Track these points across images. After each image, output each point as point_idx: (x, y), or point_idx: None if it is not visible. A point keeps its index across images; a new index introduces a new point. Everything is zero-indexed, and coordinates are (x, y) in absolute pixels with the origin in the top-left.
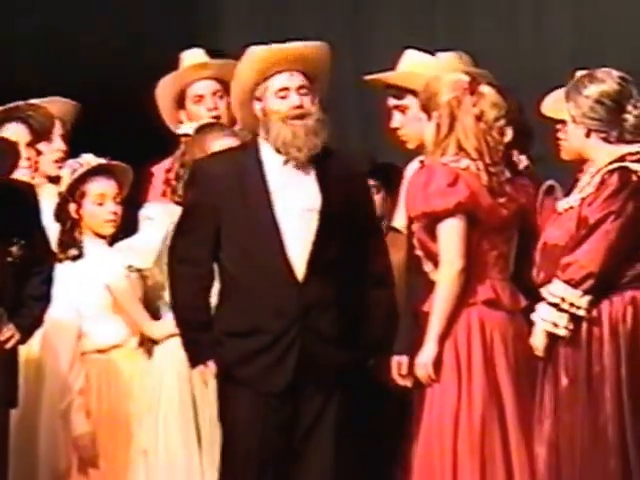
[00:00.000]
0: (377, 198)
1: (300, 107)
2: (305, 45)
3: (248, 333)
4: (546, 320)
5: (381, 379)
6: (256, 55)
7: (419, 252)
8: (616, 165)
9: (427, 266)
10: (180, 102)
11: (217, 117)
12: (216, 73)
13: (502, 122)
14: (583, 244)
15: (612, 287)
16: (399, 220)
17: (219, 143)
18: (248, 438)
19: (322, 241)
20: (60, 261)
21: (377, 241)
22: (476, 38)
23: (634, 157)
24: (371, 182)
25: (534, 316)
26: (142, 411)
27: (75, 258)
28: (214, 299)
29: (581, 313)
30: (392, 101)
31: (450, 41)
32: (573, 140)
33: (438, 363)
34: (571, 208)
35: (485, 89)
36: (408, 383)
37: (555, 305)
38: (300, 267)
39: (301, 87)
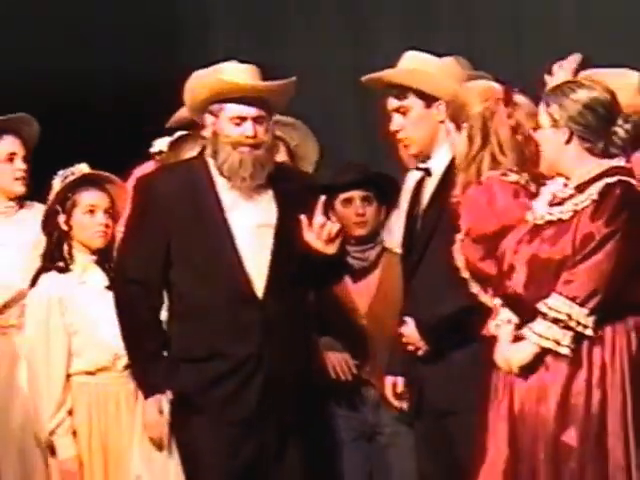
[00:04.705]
0: (369, 210)
1: (254, 137)
2: (269, 83)
3: (207, 358)
4: (546, 337)
5: None
6: (215, 79)
7: (465, 274)
8: (616, 178)
9: (475, 288)
10: None
11: None
12: None
13: None
14: (588, 260)
15: (615, 310)
16: (391, 240)
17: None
18: (210, 470)
19: (278, 257)
20: (47, 270)
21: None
22: (477, 41)
23: (625, 172)
24: (362, 193)
25: (525, 331)
26: (133, 437)
27: (62, 270)
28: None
29: (588, 332)
30: (393, 102)
31: (451, 45)
32: (549, 147)
33: None
34: (560, 220)
35: (520, 98)
36: (404, 405)
37: (559, 322)
38: (259, 284)
39: (257, 117)
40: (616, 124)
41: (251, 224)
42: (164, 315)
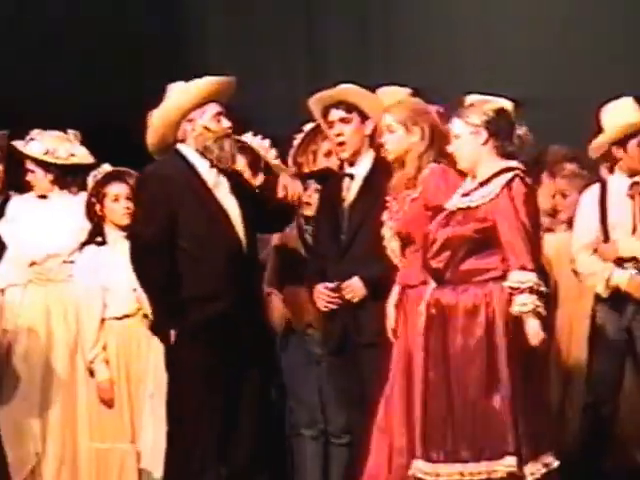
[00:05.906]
0: (315, 195)
1: (230, 128)
2: (228, 79)
3: (210, 298)
4: (531, 305)
5: None
6: (199, 87)
7: (390, 245)
8: (513, 174)
9: (395, 260)
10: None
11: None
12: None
13: None
14: (516, 239)
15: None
16: None
17: None
18: (199, 390)
19: (247, 223)
20: (89, 244)
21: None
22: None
23: (518, 169)
24: (314, 185)
25: (517, 309)
26: (148, 366)
27: (100, 244)
28: None
29: (544, 290)
30: (340, 113)
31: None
32: (469, 148)
33: None
34: (468, 208)
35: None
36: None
37: (532, 289)
38: (244, 243)
39: (225, 112)
40: (516, 128)
41: (232, 198)
42: None
